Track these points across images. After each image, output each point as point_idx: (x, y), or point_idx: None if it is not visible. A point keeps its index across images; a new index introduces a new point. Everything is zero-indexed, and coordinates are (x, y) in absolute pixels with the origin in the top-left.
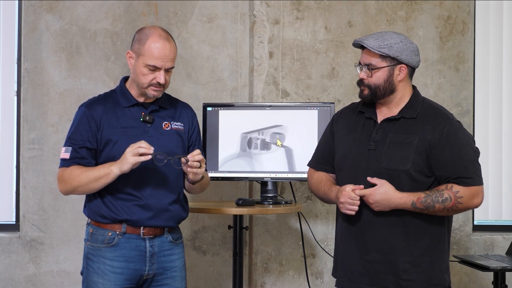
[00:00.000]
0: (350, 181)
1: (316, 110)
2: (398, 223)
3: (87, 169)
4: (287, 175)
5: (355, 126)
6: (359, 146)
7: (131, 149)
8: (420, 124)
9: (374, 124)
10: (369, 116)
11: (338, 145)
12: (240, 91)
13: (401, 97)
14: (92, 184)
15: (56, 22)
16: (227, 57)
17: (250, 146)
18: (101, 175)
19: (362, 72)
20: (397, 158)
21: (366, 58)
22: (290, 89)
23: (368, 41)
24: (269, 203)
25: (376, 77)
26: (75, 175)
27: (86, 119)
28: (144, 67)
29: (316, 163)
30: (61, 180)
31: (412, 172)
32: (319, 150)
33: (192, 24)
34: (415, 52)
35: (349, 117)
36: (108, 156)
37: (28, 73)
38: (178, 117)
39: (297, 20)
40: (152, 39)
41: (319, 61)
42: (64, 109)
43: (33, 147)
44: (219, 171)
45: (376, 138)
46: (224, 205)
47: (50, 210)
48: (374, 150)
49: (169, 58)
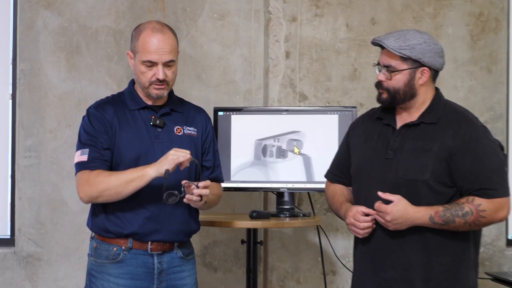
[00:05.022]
0: (365, 194)
1: (336, 114)
2: (417, 239)
3: (114, 172)
4: (305, 185)
5: (372, 134)
6: (375, 155)
7: (176, 153)
8: (440, 129)
9: (392, 131)
10: (387, 122)
11: (353, 155)
12: (254, 94)
13: (422, 101)
14: (122, 187)
15: (55, 19)
16: (240, 57)
17: (265, 154)
18: (134, 177)
19: (381, 74)
20: (415, 167)
21: (385, 59)
22: (308, 92)
23: (388, 40)
24: (285, 215)
25: (395, 80)
26: (102, 177)
27: (100, 120)
28: (141, 65)
29: (332, 175)
30: (84, 184)
31: (432, 182)
32: (335, 160)
33: (202, 22)
34: (439, 53)
35: (366, 125)
36: (114, 162)
37: (24, 75)
38: (191, 121)
39: (316, 17)
40: (145, 33)
41: (339, 62)
42: (63, 114)
43: (29, 155)
44: (232, 181)
45: (394, 146)
46: (237, 218)
47: (48, 223)
48: (392, 159)
49: (165, 50)
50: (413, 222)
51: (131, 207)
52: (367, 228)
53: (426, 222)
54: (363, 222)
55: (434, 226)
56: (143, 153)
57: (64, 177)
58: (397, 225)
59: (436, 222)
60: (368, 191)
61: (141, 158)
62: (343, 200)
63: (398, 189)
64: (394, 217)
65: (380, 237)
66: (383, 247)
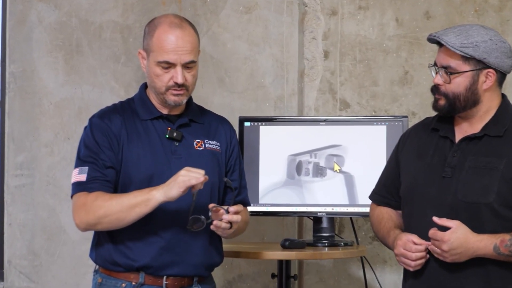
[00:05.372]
0: (417, 219)
1: (384, 125)
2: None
3: (116, 195)
4: (347, 209)
5: (426, 148)
6: (430, 173)
7: (188, 173)
8: (508, 144)
9: (450, 145)
10: (445, 134)
11: (404, 173)
12: (286, 101)
13: (486, 110)
14: (124, 213)
15: (51, 12)
16: (270, 57)
17: (300, 172)
18: (138, 202)
19: (438, 76)
20: (477, 187)
21: (444, 58)
22: (351, 98)
23: (447, 37)
24: (324, 245)
25: (455, 83)
26: (101, 201)
27: (104, 132)
28: (156, 66)
29: (378, 196)
30: (80, 208)
31: (496, 205)
32: (381, 179)
33: (225, 16)
34: (507, 53)
35: (420, 137)
36: (121, 182)
37: (14, 78)
38: (213, 134)
39: (360, 10)
40: (161, 29)
41: (388, 63)
42: (61, 125)
43: (21, 173)
44: (260, 204)
45: (453, 162)
46: (267, 248)
47: (43, 254)
48: (450, 178)
49: (184, 49)
50: (475, 252)
51: (143, 234)
52: (419, 259)
53: (490, 252)
54: (415, 252)
55: (499, 257)
56: (157, 172)
57: (62, 200)
58: (456, 256)
59: (502, 253)
60: (421, 215)
61: (154, 177)
62: (391, 226)
63: (457, 214)
64: (452, 247)
65: (435, 270)
66: (438, 281)
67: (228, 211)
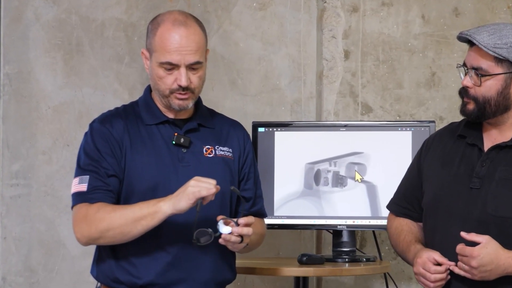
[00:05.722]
0: (441, 233)
1: (409, 131)
2: None
3: (119, 206)
4: (369, 221)
5: (452, 156)
6: (456, 184)
7: (198, 183)
8: None
9: (479, 154)
10: (472, 142)
11: (427, 182)
12: (303, 105)
13: None
14: (129, 227)
15: (49, 9)
16: (286, 57)
17: (318, 182)
18: (144, 214)
19: (467, 78)
20: (509, 200)
21: (474, 59)
22: (373, 102)
23: (480, 35)
24: (344, 260)
25: (486, 86)
26: (104, 213)
27: (105, 138)
28: (159, 68)
29: (397, 206)
30: (81, 221)
31: None
32: (401, 188)
33: (238, 12)
34: None
35: (445, 144)
36: (123, 193)
37: (9, 80)
38: (225, 139)
39: (383, 6)
40: (164, 27)
41: (413, 64)
42: (59, 130)
43: (16, 183)
44: (275, 216)
45: (481, 172)
46: (283, 264)
47: (40, 269)
48: (478, 190)
49: (188, 49)
50: (505, 270)
51: (148, 249)
52: (438, 281)
53: None
54: (434, 274)
55: None
56: (162, 181)
57: (61, 212)
58: (485, 274)
59: None
60: (446, 229)
61: (159, 187)
62: (412, 239)
63: (485, 228)
64: (482, 263)
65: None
66: None
67: (238, 223)
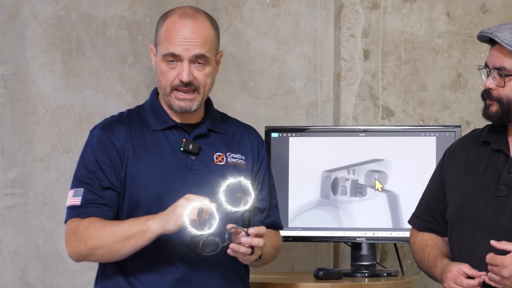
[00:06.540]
0: (469, 245)
1: (433, 137)
2: None
3: (110, 222)
4: (391, 233)
5: (477, 164)
6: (482, 192)
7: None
8: None
9: (505, 159)
10: (498, 147)
11: (451, 193)
12: (320, 108)
13: None
14: (118, 245)
15: (47, 6)
16: (301, 58)
17: (336, 191)
18: (133, 233)
19: (490, 79)
20: None
21: (497, 58)
22: (395, 105)
23: (502, 33)
24: (363, 275)
25: (510, 87)
26: (94, 229)
27: (105, 147)
28: (162, 62)
29: (419, 220)
30: (72, 237)
31: None
32: (423, 201)
33: (249, 9)
34: None
35: (468, 152)
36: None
37: (5, 82)
38: (237, 145)
39: (405, 3)
40: (171, 19)
41: (438, 64)
42: (58, 136)
43: (12, 192)
44: (290, 227)
45: (509, 179)
46: (298, 279)
47: (38, 285)
48: (506, 197)
49: (193, 42)
50: None
51: (155, 264)
52: None
53: None
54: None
55: None
56: (169, 191)
57: (59, 223)
58: None
59: None
60: (474, 240)
61: (166, 198)
62: (437, 254)
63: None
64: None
65: None
66: None
67: (248, 234)
